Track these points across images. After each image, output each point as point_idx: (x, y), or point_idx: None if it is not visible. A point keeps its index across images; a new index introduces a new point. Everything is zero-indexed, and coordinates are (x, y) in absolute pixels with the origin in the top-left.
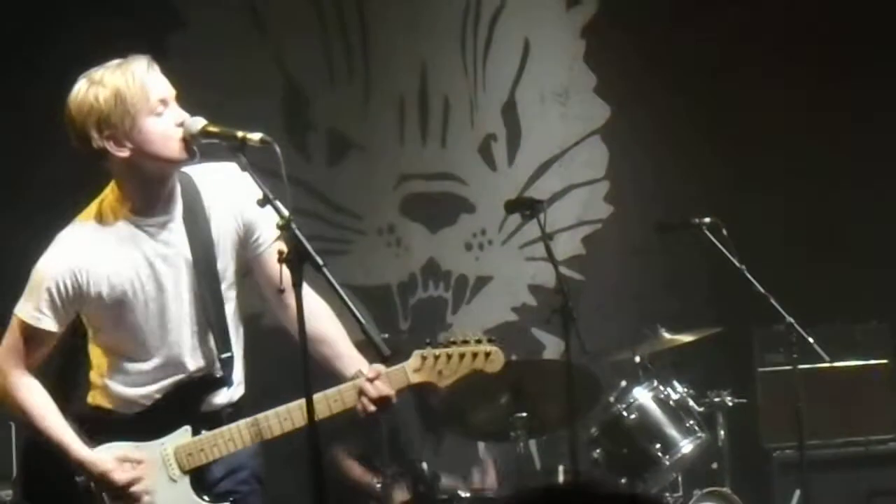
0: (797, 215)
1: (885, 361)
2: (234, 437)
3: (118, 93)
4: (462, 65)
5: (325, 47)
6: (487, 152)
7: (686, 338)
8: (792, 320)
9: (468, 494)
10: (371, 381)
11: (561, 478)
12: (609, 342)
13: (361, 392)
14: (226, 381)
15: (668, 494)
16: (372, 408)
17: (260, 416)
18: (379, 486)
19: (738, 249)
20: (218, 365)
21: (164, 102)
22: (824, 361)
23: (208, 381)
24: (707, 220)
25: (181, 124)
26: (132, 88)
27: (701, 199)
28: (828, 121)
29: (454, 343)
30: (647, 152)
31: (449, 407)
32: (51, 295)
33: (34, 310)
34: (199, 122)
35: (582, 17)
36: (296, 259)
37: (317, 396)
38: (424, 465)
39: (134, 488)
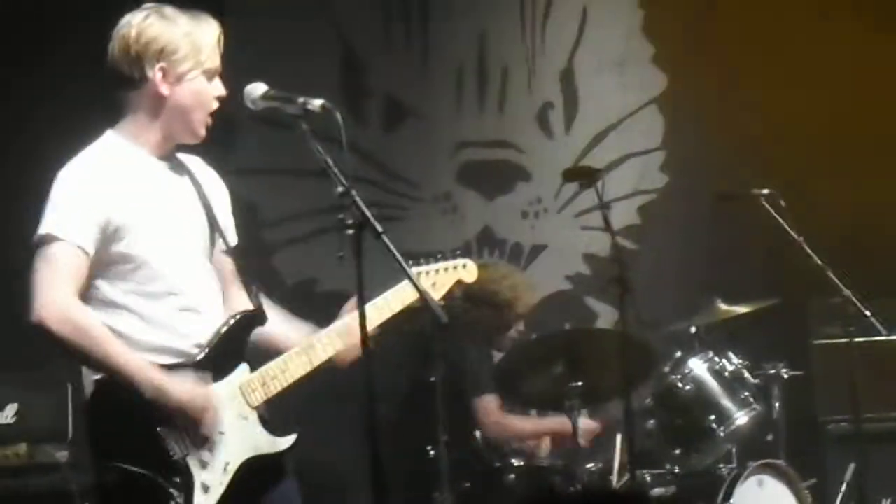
0: (857, 186)
1: None
2: (288, 367)
3: (192, 36)
4: (520, 32)
5: (384, 12)
6: (544, 120)
7: (742, 309)
8: (849, 293)
9: (521, 463)
10: None
11: (617, 447)
12: (664, 312)
13: None
14: (264, 314)
15: (721, 466)
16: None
17: (304, 344)
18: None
19: (796, 220)
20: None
21: (215, 75)
22: (881, 335)
23: (254, 317)
24: (766, 191)
25: (219, 100)
26: (206, 41)
27: (758, 170)
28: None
29: (439, 260)
30: (703, 122)
31: (503, 376)
32: (93, 216)
33: (77, 231)
34: (260, 88)
35: None
36: (356, 226)
37: (330, 332)
38: (477, 434)
39: (211, 413)
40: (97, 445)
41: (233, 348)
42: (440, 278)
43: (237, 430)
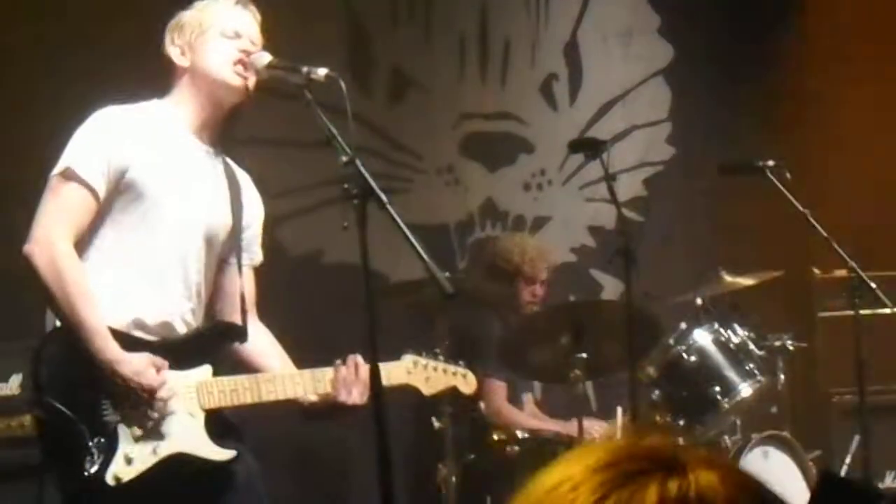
0: (862, 159)
1: None
2: (251, 388)
3: (202, 13)
4: (524, 3)
5: None
6: (548, 92)
7: (747, 281)
8: (854, 265)
9: (525, 435)
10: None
11: (620, 419)
12: (669, 284)
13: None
14: (246, 333)
15: (726, 437)
16: (352, 396)
17: (276, 373)
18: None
19: (801, 192)
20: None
21: (238, 34)
22: (886, 307)
23: (234, 329)
24: (771, 162)
25: (247, 53)
26: (212, 8)
27: (764, 142)
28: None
29: (439, 359)
30: (709, 94)
31: (508, 347)
32: (108, 157)
33: (92, 169)
34: (264, 57)
35: None
36: (361, 196)
37: (305, 373)
38: (482, 405)
39: (162, 393)
40: (38, 381)
41: (202, 348)
42: (437, 376)
43: (179, 423)
